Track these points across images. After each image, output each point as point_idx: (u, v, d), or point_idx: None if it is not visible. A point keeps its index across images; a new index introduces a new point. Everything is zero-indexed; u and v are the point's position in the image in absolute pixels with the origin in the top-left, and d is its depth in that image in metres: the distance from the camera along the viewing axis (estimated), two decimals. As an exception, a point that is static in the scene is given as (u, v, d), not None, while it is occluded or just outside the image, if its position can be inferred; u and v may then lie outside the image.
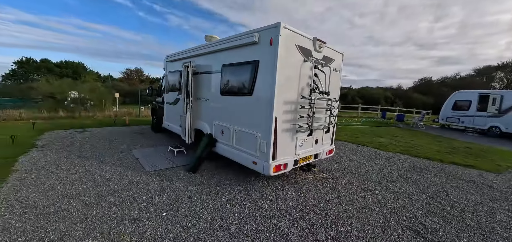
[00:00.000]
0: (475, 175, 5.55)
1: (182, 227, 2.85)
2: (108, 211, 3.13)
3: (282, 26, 3.44)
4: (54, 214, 3.00)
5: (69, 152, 5.73)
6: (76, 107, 11.71)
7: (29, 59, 38.36)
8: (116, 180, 4.14)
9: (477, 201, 4.10)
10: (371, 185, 4.55)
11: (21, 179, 4.04)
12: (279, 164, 3.79)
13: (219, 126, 4.84)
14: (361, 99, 28.25)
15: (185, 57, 6.16)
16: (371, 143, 8.54)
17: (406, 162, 6.40)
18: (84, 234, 2.63)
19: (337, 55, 4.79)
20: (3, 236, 2.53)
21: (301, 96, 3.90)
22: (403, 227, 3.11)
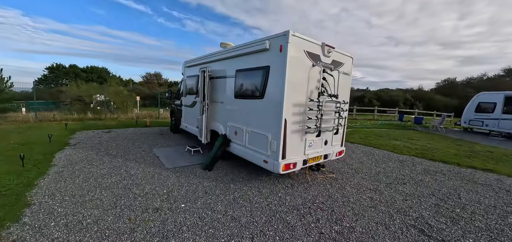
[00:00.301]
0: (493, 179, 5.41)
1: (198, 217, 3.17)
2: (134, 201, 3.53)
3: (291, 34, 3.69)
4: (89, 202, 3.45)
5: (98, 150, 6.32)
6: (102, 109, 12.65)
7: (58, 65, 41.36)
8: (140, 175, 4.58)
9: (491, 204, 4.06)
10: (381, 186, 4.63)
11: (59, 172, 4.59)
12: (288, 163, 4.02)
13: (233, 127, 5.16)
14: (378, 102, 27.53)
15: (202, 63, 6.57)
16: (385, 146, 8.47)
17: (420, 165, 6.34)
18: (114, 219, 3.02)
19: (346, 59, 4.94)
20: (49, 218, 2.98)
21: (309, 99, 4.10)
22: (408, 226, 3.21)
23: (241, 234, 2.82)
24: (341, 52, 4.76)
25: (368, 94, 29.70)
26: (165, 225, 2.95)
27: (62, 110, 12.30)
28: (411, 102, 27.81)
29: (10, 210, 3.11)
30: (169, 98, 9.75)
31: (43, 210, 3.17)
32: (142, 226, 2.89)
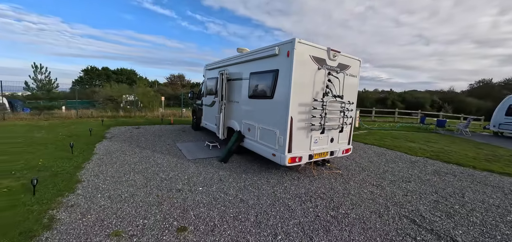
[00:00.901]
0: (507, 182, 5.36)
1: (213, 198, 3.75)
2: (161, 183, 4.22)
3: (297, 41, 4.15)
4: (125, 182, 4.20)
5: (129, 142, 7.25)
6: (132, 108, 13.97)
7: (92, 67, 45.26)
8: (165, 164, 5.31)
9: (494, 204, 4.15)
10: (384, 183, 4.88)
11: (100, 158, 5.48)
12: (294, 157, 4.47)
13: (246, 124, 5.71)
14: (403, 104, 26.52)
15: (220, 66, 7.23)
16: (399, 147, 8.49)
17: (432, 166, 6.38)
18: (146, 195, 3.71)
19: (353, 62, 5.26)
20: (96, 191, 3.75)
21: (314, 99, 4.52)
22: (401, 216, 3.51)
23: (247, 212, 3.34)
24: (348, 56, 5.10)
25: (392, 96, 28.63)
26: (186, 201, 3.57)
27: (97, 109, 13.81)
28: (439, 105, 26.33)
29: (67, 184, 3.95)
30: (191, 99, 10.61)
31: (91, 185, 3.97)
32: (167, 201, 3.54)
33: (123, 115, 13.03)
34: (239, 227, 2.97)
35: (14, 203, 3.25)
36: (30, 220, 2.86)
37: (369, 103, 25.55)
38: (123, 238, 2.63)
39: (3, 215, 2.97)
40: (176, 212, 3.26)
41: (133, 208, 3.30)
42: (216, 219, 3.14)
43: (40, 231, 2.67)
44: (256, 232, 2.89)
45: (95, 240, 2.57)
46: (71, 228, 2.76)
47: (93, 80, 44.34)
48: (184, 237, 2.71)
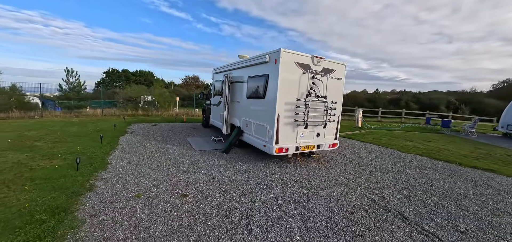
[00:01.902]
0: (485, 177, 5.83)
1: (211, 177, 4.73)
2: (171, 166, 5.27)
3: (282, 51, 5.04)
4: (144, 164, 5.29)
5: (147, 136, 8.46)
6: (149, 107, 15.45)
7: (113, 69, 48.42)
8: (176, 153, 6.39)
9: (458, 192, 4.74)
10: (363, 173, 5.60)
11: (124, 148, 6.67)
12: (281, 147, 5.35)
13: (245, 120, 6.66)
14: (416, 105, 26.19)
15: (225, 70, 8.24)
16: (394, 145, 9.01)
17: (419, 162, 6.92)
18: (160, 174, 4.77)
19: (338, 66, 6.03)
20: (121, 170, 4.86)
21: (297, 99, 5.36)
22: (364, 196, 4.27)
23: (236, 188, 4.28)
24: (332, 61, 5.89)
25: (405, 97, 28.24)
26: (189, 179, 4.58)
27: (119, 108, 15.43)
28: (456, 106, 25.66)
29: (100, 165, 5.11)
30: (201, 99, 11.76)
31: (117, 166, 5.10)
32: (175, 178, 4.56)
33: (141, 114, 14.52)
34: (227, 197, 3.91)
35: (64, 175, 4.43)
36: (77, 185, 4.00)
37: (382, 104, 25.49)
38: (142, 198, 3.67)
39: (58, 182, 4.13)
40: (181, 185, 4.27)
41: (150, 181, 4.35)
42: (211, 190, 4.11)
43: (85, 192, 3.78)
44: (240, 200, 3.82)
45: (123, 199, 3.63)
46: (106, 191, 3.85)
47: (114, 81, 47.54)
48: (185, 200, 3.70)
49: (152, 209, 3.39)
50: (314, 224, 3.22)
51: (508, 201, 4.46)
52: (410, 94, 29.77)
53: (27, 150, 5.92)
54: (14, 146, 6.30)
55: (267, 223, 3.18)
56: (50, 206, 3.30)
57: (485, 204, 4.25)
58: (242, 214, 3.38)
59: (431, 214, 3.75)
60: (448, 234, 3.22)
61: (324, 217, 3.42)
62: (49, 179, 4.21)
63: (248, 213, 3.40)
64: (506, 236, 3.29)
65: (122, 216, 3.16)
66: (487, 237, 3.21)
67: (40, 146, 6.37)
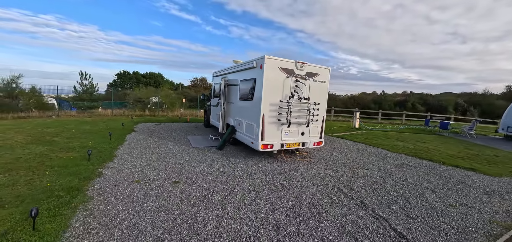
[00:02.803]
0: (462, 175, 6.20)
1: (202, 169, 5.44)
2: (168, 159, 6.03)
3: (266, 57, 5.70)
4: (145, 157, 6.09)
5: (151, 134, 9.32)
6: (156, 108, 16.47)
7: (125, 72, 50.47)
8: (175, 149, 7.16)
9: (426, 187, 5.21)
10: (342, 169, 6.14)
11: (129, 144, 7.52)
12: (266, 144, 5.99)
13: (237, 120, 7.35)
14: (423, 107, 26.05)
15: (222, 74, 8.98)
16: (384, 145, 9.43)
17: (403, 160, 7.35)
18: (158, 165, 5.53)
19: (322, 70, 6.61)
20: (125, 161, 5.65)
21: (280, 100, 5.99)
22: (334, 187, 4.84)
23: (221, 177, 4.97)
24: (316, 66, 6.48)
25: (412, 98, 28.08)
26: (183, 169, 5.31)
27: (128, 108, 16.54)
28: (464, 108, 25.30)
29: (108, 157, 5.95)
30: (203, 100, 12.57)
31: (122, 159, 5.91)
32: (171, 169, 5.31)
33: (148, 114, 15.54)
34: (212, 184, 4.61)
35: (77, 164, 5.28)
36: (88, 172, 4.81)
37: (388, 106, 25.56)
38: (141, 183, 4.42)
39: (73, 169, 4.96)
40: (175, 174, 5.01)
41: (149, 171, 5.12)
42: (199, 179, 4.82)
43: (94, 177, 4.59)
44: (223, 186, 4.51)
45: (125, 183, 4.40)
46: (111, 177, 4.64)
47: (125, 83, 49.62)
48: (176, 185, 4.43)
49: (147, 191, 4.13)
50: (280, 206, 3.85)
51: (472, 195, 4.89)
52: (417, 96, 29.55)
53: (47, 144, 6.87)
54: (36, 140, 7.29)
55: (240, 204, 3.84)
56: (67, 186, 4.11)
57: (447, 197, 4.71)
58: (221, 197, 4.06)
59: (390, 203, 4.28)
60: (397, 218, 3.75)
61: (291, 202, 4.04)
62: (65, 167, 5.06)
63: (226, 197, 4.07)
64: (451, 222, 3.79)
65: (122, 195, 3.91)
66: (432, 222, 3.72)
67: (57, 141, 7.32)
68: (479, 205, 4.45)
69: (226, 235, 2.98)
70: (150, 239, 2.83)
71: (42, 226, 2.92)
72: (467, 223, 3.76)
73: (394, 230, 3.39)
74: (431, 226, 3.58)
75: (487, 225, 3.76)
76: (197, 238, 2.90)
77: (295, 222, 3.40)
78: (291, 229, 3.21)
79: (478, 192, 5.11)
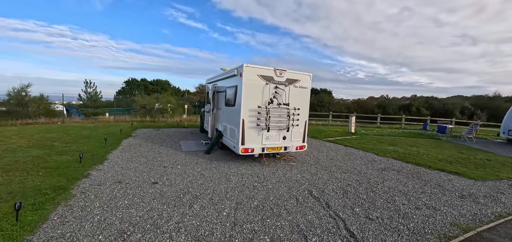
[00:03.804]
0: (444, 179, 6.26)
1: (183, 171, 5.81)
2: (155, 162, 6.44)
3: (245, 66, 6.05)
4: (134, 161, 6.52)
5: (146, 139, 9.81)
6: (156, 114, 17.13)
7: (133, 79, 52.10)
8: (164, 153, 7.58)
9: (400, 190, 5.34)
10: (322, 173, 6.34)
11: (123, 148, 8.01)
12: (246, 148, 6.31)
13: (224, 125, 7.71)
14: (428, 111, 25.64)
15: (213, 81, 9.41)
16: (373, 149, 9.52)
17: (387, 164, 7.45)
18: (143, 167, 5.94)
19: (303, 76, 6.89)
20: (114, 165, 6.09)
21: (258, 106, 6.31)
22: (306, 190, 5.08)
23: (199, 179, 5.31)
24: (296, 72, 6.78)
25: (416, 102, 27.63)
26: (165, 172, 5.70)
27: (131, 114, 17.27)
28: (471, 111, 24.68)
29: (99, 160, 6.42)
30: (198, 106, 13.05)
31: (112, 162, 6.37)
32: (154, 171, 5.71)
33: (149, 120, 16.18)
34: (188, 185, 4.95)
35: (69, 166, 5.76)
36: (77, 173, 5.27)
37: (392, 110, 25.34)
38: (122, 183, 4.83)
39: (64, 170, 5.44)
40: (157, 176, 5.39)
41: (133, 173, 5.53)
42: (178, 180, 5.18)
43: (82, 178, 5.04)
44: (197, 187, 4.85)
45: (108, 183, 4.82)
46: (97, 178, 5.08)
47: (133, 90, 51.24)
48: (154, 186, 4.81)
49: (126, 190, 4.53)
50: (244, 206, 4.14)
51: (444, 199, 4.99)
52: (422, 99, 29.04)
53: (46, 148, 7.45)
54: (37, 144, 7.90)
55: (207, 203, 4.16)
56: (54, 185, 4.56)
57: (417, 200, 4.84)
58: (192, 196, 4.40)
59: (355, 205, 4.47)
60: (356, 219, 3.95)
61: (257, 202, 4.32)
62: (58, 169, 5.55)
63: (197, 197, 4.41)
64: (409, 224, 3.94)
65: (102, 193, 4.32)
66: (390, 224, 3.88)
67: (56, 145, 7.91)
68: (447, 208, 4.56)
69: (183, 230, 3.30)
70: (115, 231, 3.19)
71: (24, 218, 3.35)
72: (426, 225, 3.91)
73: (347, 230, 3.61)
74: (387, 228, 3.75)
75: (447, 227, 3.89)
76: (157, 231, 3.24)
77: (253, 220, 3.69)
78: (247, 226, 3.50)
79: (452, 195, 5.21)
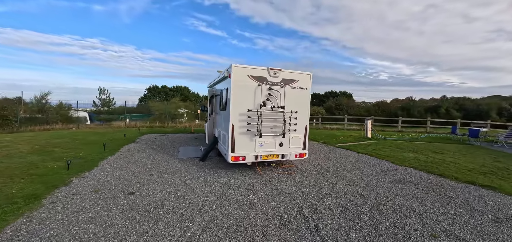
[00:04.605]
0: (474, 194, 5.16)
1: (167, 181, 5.45)
2: (144, 170, 6.19)
3: (233, 66, 5.59)
4: (123, 168, 6.33)
5: (147, 145, 9.73)
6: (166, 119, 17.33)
7: (154, 86, 54.28)
8: (158, 160, 7.34)
9: (414, 209, 4.44)
10: (322, 185, 5.61)
11: (120, 154, 7.93)
12: (237, 156, 5.80)
13: (218, 131, 7.29)
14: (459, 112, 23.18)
15: (212, 85, 9.07)
16: (391, 157, 8.47)
17: (403, 175, 6.45)
18: (129, 175, 5.70)
19: (301, 76, 6.26)
20: (101, 172, 5.93)
21: (248, 109, 5.76)
22: (296, 206, 4.43)
23: (180, 190, 4.91)
24: (293, 71, 6.18)
25: (446, 103, 25.00)
26: (149, 180, 5.39)
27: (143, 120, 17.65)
28: (510, 112, 21.71)
29: (89, 166, 6.32)
30: (203, 111, 12.82)
31: (101, 168, 6.24)
32: (137, 179, 5.44)
33: (158, 125, 16.38)
34: (166, 197, 4.56)
35: (57, 173, 5.70)
36: (59, 181, 5.16)
37: (418, 113, 23.34)
38: (98, 193, 4.58)
39: (48, 177, 5.36)
40: (137, 185, 5.09)
41: (115, 181, 5.29)
42: (157, 190, 4.83)
43: (61, 186, 4.89)
44: (173, 200, 4.44)
45: (84, 192, 4.60)
46: (76, 186, 4.91)
47: (154, 96, 53.35)
48: (129, 196, 4.49)
49: (97, 201, 4.25)
50: (216, 225, 3.62)
51: (472, 223, 4.01)
52: (452, 100, 26.27)
53: (44, 154, 7.60)
54: (38, 150, 8.11)
55: (175, 220, 3.71)
56: (29, 194, 4.43)
57: (434, 225, 3.94)
58: (163, 211, 3.98)
59: (351, 230, 3.70)
60: (348, 244, 3.25)
61: (232, 220, 3.77)
62: (44, 176, 5.50)
63: (167, 211, 3.98)
64: (418, 253, 3.16)
65: (71, 204, 4.08)
66: (392, 252, 3.15)
67: (56, 151, 8.05)
68: (476, 237, 3.63)
69: (133, 253, 2.87)
70: (58, 251, 2.85)
71: (-24, 232, 3.15)
72: (440, 257, 3.10)
73: (332, 260, 2.93)
74: (385, 258, 3.02)
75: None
76: (103, 253, 2.84)
77: (219, 242, 3.15)
78: (209, 250, 2.98)
79: (483, 218, 4.22)
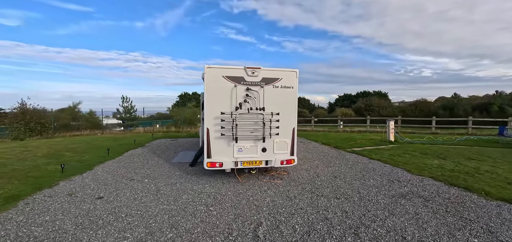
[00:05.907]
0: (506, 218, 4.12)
1: (143, 186, 5.50)
2: (129, 175, 6.38)
3: (206, 67, 5.43)
4: (114, 172, 6.62)
5: (151, 150, 10.13)
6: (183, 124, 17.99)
7: (185, 93, 57.37)
8: (150, 164, 7.54)
9: (409, 239, 3.74)
10: (305, 197, 4.98)
11: (120, 159, 8.36)
12: (213, 162, 5.59)
13: (205, 135, 7.17)
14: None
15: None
16: (408, 164, 7.34)
17: (415, 187, 5.48)
18: (111, 180, 5.92)
19: (286, 74, 5.82)
20: (91, 175, 6.26)
21: (221, 112, 5.49)
22: (252, 223, 4.02)
23: (146, 196, 4.88)
24: (275, 69, 5.78)
25: (499, 100, 20.96)
26: (126, 186, 5.51)
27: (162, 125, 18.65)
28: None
29: (83, 170, 6.76)
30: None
31: (94, 172, 6.61)
32: (114, 184, 5.61)
33: (174, 130, 17.08)
34: (129, 202, 4.58)
35: (51, 175, 6.21)
36: (48, 183, 5.57)
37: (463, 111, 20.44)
38: (71, 196, 4.83)
39: (41, 180, 5.85)
40: (111, 190, 5.24)
41: (95, 185, 5.53)
42: (126, 196, 4.89)
43: (47, 188, 5.28)
44: (134, 207, 4.42)
45: (59, 195, 4.88)
46: (59, 189, 5.26)
47: (185, 103, 56.38)
48: (95, 201, 4.61)
49: (63, 204, 4.45)
50: (152, 237, 3.39)
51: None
52: (508, 97, 21.96)
53: (53, 158, 8.39)
54: (50, 154, 9.01)
55: (117, 228, 3.63)
56: (14, 195, 4.85)
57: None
58: (114, 218, 3.96)
59: (312, 245, 3.23)
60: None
61: (174, 234, 3.47)
62: (39, 178, 6.02)
63: (118, 218, 3.94)
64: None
65: (39, 206, 4.34)
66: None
67: (66, 155, 8.85)
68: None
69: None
70: (-10, 253, 2.98)
71: None
72: None
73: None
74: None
75: None
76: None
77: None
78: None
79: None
